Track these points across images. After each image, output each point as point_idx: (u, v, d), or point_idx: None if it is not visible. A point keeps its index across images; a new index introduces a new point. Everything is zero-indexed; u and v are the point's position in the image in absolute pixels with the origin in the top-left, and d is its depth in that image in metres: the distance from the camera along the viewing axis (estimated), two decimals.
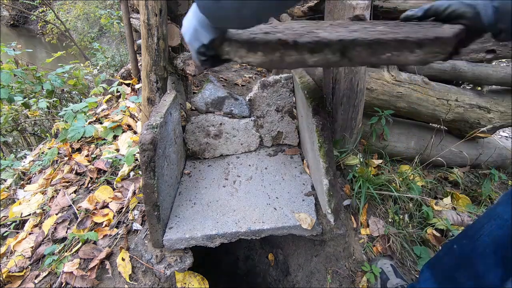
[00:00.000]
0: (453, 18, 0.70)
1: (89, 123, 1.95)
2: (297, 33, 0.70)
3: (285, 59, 0.65)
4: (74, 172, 1.61)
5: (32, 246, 1.24)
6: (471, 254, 0.79)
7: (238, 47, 0.68)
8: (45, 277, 1.11)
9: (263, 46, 0.65)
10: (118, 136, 1.82)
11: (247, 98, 1.52)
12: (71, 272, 1.08)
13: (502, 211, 0.73)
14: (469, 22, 0.68)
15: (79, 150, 1.83)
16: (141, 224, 1.23)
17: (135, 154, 1.51)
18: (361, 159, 1.47)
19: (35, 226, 1.36)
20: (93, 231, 1.21)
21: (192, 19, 0.67)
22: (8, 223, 1.41)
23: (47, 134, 2.45)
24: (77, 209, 1.34)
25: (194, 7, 0.66)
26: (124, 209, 1.31)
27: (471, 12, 0.67)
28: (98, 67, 4.44)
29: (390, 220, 1.36)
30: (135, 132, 1.84)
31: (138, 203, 1.33)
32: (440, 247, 1.29)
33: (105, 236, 1.22)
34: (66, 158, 1.75)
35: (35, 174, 1.79)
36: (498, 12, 0.64)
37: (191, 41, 0.69)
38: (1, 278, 1.09)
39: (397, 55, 0.64)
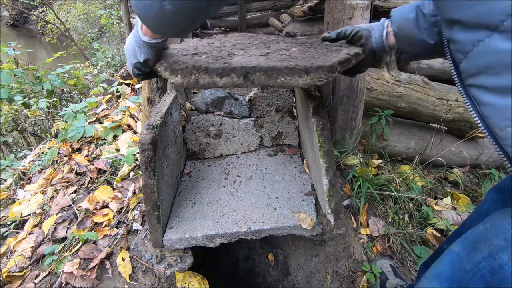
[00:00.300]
0: (356, 40, 0.83)
1: (89, 123, 1.95)
2: (217, 56, 0.80)
3: (199, 81, 0.75)
4: (74, 172, 1.61)
5: (32, 246, 1.24)
6: None
7: (164, 69, 0.77)
8: (45, 277, 1.11)
9: (181, 70, 0.74)
10: (118, 136, 1.82)
11: (247, 98, 1.52)
12: (71, 272, 1.08)
13: (488, 208, 0.74)
14: (364, 43, 0.80)
15: (79, 150, 1.83)
16: (141, 224, 1.23)
17: (135, 154, 1.51)
18: (361, 159, 1.47)
19: (35, 226, 1.36)
20: (93, 231, 1.21)
21: (131, 38, 0.76)
22: (8, 223, 1.41)
23: (47, 134, 2.45)
24: (77, 209, 1.34)
25: (134, 29, 0.75)
26: (124, 209, 1.32)
27: (366, 35, 0.80)
28: (98, 67, 4.45)
29: (390, 220, 1.36)
30: (135, 132, 1.84)
31: (138, 203, 1.33)
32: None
33: (105, 236, 1.22)
34: (66, 158, 1.76)
35: (35, 174, 1.79)
36: (397, 35, 0.76)
37: (130, 57, 0.78)
38: (1, 278, 1.10)
39: (289, 79, 0.74)
